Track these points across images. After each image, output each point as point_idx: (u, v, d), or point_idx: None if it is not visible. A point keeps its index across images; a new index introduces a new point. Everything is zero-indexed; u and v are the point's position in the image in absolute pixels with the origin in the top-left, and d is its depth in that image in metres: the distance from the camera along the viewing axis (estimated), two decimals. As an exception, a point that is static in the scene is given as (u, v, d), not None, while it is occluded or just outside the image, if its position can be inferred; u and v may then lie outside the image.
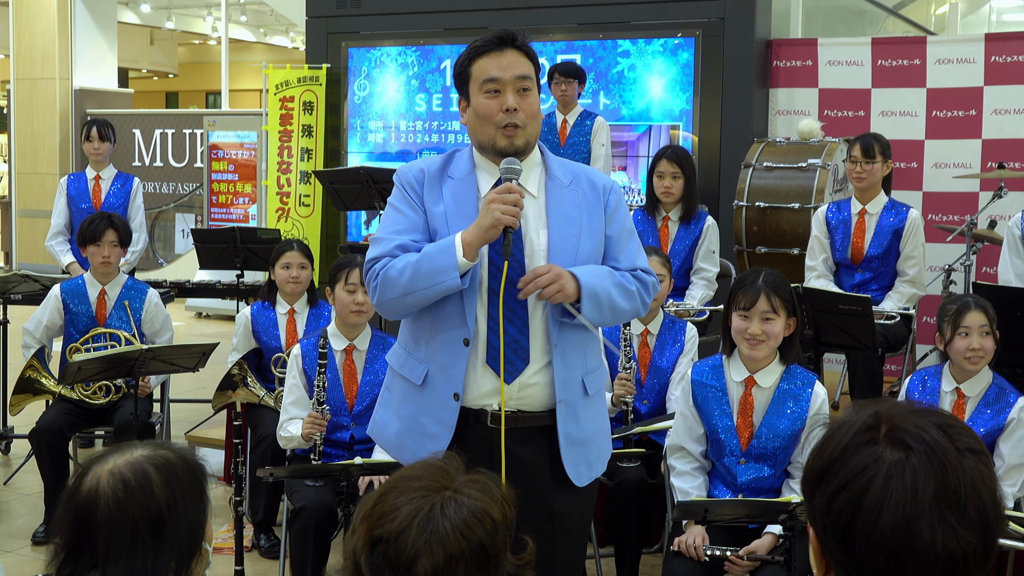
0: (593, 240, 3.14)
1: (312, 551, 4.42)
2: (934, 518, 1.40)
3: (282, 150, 9.67)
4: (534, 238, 3.11)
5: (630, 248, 3.22)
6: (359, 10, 9.34)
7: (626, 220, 3.25)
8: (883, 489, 1.43)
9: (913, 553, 1.41)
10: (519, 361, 3.09)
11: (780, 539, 3.77)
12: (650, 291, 3.22)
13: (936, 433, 1.45)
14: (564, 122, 7.33)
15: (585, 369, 3.18)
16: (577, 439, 3.15)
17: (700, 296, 6.11)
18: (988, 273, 7.08)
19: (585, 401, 3.18)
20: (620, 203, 3.24)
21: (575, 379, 3.15)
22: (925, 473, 1.42)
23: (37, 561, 5.31)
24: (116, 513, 1.98)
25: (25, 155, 14.20)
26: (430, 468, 1.74)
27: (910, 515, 1.41)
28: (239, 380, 5.46)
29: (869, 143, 5.88)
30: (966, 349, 4.26)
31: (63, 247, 7.30)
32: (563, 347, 3.12)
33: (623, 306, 3.13)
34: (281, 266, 5.59)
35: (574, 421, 3.15)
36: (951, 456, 1.43)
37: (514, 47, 3.12)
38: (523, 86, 3.10)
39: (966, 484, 1.42)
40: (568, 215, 3.13)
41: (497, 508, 1.69)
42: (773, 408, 3.97)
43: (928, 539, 1.40)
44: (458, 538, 1.63)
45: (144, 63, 23.34)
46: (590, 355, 3.22)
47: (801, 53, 7.99)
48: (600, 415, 3.28)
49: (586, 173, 3.24)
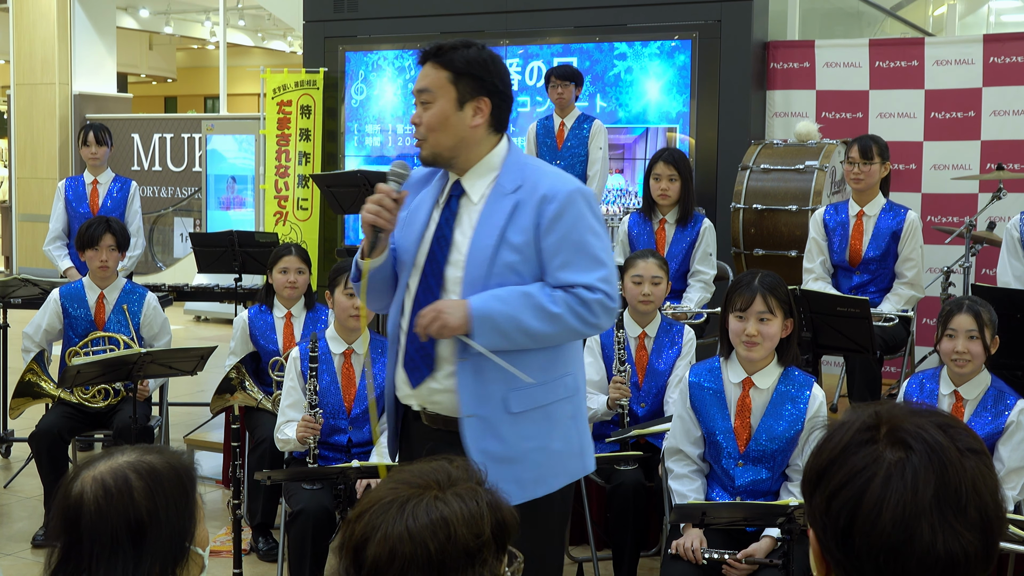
0: (515, 252, 3.05)
1: (310, 554, 4.42)
2: (935, 517, 1.39)
3: (280, 154, 9.67)
4: (460, 246, 3.12)
5: (572, 262, 3.05)
6: (356, 14, 9.35)
7: (572, 232, 3.05)
8: (883, 488, 1.42)
9: (913, 553, 1.40)
10: (424, 367, 3.14)
11: (778, 542, 3.75)
12: (593, 309, 3.04)
13: (937, 433, 1.44)
14: (562, 125, 7.33)
15: (509, 386, 3.08)
16: (498, 456, 3.04)
17: (697, 299, 6.10)
18: (987, 275, 7.07)
19: (511, 418, 3.09)
20: (564, 214, 3.04)
21: (492, 395, 3.08)
22: (926, 472, 1.41)
23: (37, 564, 5.31)
24: (97, 520, 1.97)
25: (25, 160, 14.22)
26: (437, 466, 1.72)
27: (910, 514, 1.40)
28: (237, 383, 5.46)
29: (867, 145, 5.87)
30: (951, 351, 4.27)
31: (61, 251, 7.30)
32: (477, 362, 3.06)
33: (540, 329, 3.01)
34: (279, 270, 5.59)
35: (493, 438, 3.08)
36: (952, 456, 1.42)
37: (431, 60, 3.13)
38: (422, 100, 3.12)
39: (967, 484, 1.41)
40: (494, 224, 3.07)
41: (466, 525, 1.64)
42: (771, 410, 3.97)
43: (928, 539, 1.39)
44: (405, 539, 1.62)
45: (143, 68, 23.36)
46: (523, 371, 3.09)
47: (798, 55, 7.99)
48: (539, 434, 3.12)
49: (538, 181, 3.10)
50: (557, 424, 3.17)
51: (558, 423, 3.17)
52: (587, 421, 3.33)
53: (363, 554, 1.64)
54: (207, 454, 6.55)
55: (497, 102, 3.15)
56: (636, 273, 5.00)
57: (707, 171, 7.97)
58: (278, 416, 4.79)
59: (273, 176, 9.72)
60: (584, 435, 3.28)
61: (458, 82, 3.09)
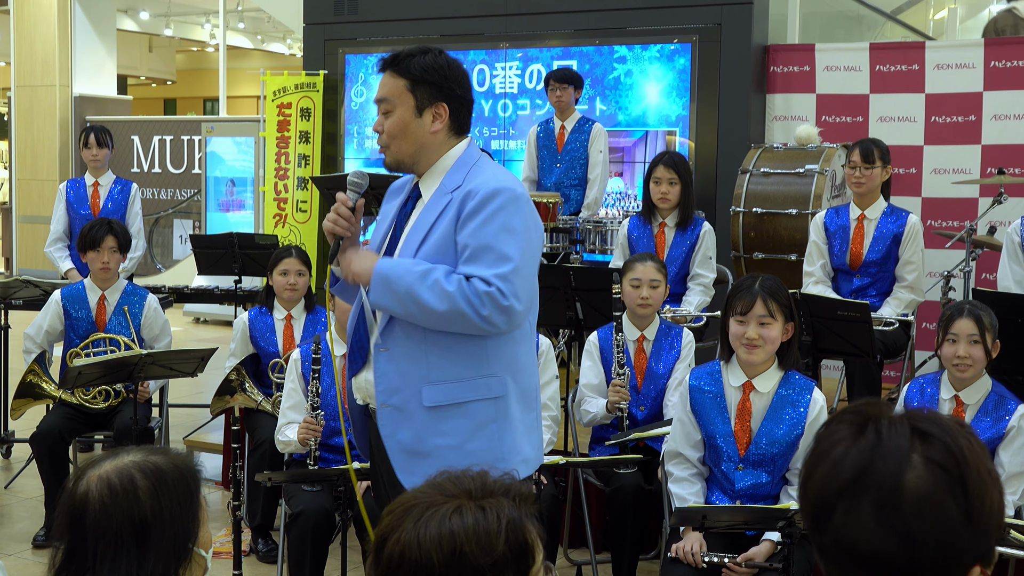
0: (436, 245, 3.11)
1: (310, 555, 4.43)
2: (850, 500, 1.43)
3: (279, 156, 9.68)
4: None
5: (475, 255, 3.04)
6: (356, 17, 9.35)
7: (484, 227, 3.05)
8: (844, 450, 1.46)
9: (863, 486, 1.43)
10: (359, 359, 3.27)
11: (778, 546, 3.76)
12: (484, 302, 2.99)
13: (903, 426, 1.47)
14: (562, 128, 7.34)
15: (426, 379, 3.10)
16: (410, 449, 3.12)
17: (697, 302, 6.10)
18: (987, 279, 7.07)
19: (425, 412, 3.10)
20: (481, 210, 3.05)
21: (408, 386, 3.11)
22: (859, 456, 1.45)
23: (37, 565, 5.32)
24: (102, 518, 1.98)
25: (25, 161, 14.23)
26: (477, 475, 1.72)
27: (835, 487, 1.44)
28: (237, 385, 5.46)
29: (868, 148, 5.87)
30: (952, 356, 4.27)
31: (62, 253, 7.30)
32: (394, 352, 3.13)
33: (432, 304, 2.99)
34: (279, 272, 5.60)
35: (408, 429, 3.12)
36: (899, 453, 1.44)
37: (388, 69, 3.20)
38: (382, 109, 3.21)
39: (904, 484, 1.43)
40: (425, 221, 3.16)
41: (475, 541, 1.63)
42: (771, 414, 3.97)
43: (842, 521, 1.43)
44: (414, 546, 1.63)
45: (143, 70, 23.38)
46: (437, 365, 3.10)
47: (799, 58, 7.99)
48: (454, 432, 3.12)
49: (472, 179, 3.13)
50: (476, 425, 3.14)
51: (477, 425, 3.14)
52: (522, 428, 3.21)
53: (382, 550, 1.66)
54: (207, 455, 6.55)
55: (456, 107, 3.20)
56: (634, 276, 5.01)
57: (707, 175, 7.97)
58: (279, 418, 4.80)
59: (273, 178, 9.72)
60: (510, 443, 3.17)
61: (416, 89, 3.16)
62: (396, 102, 3.16)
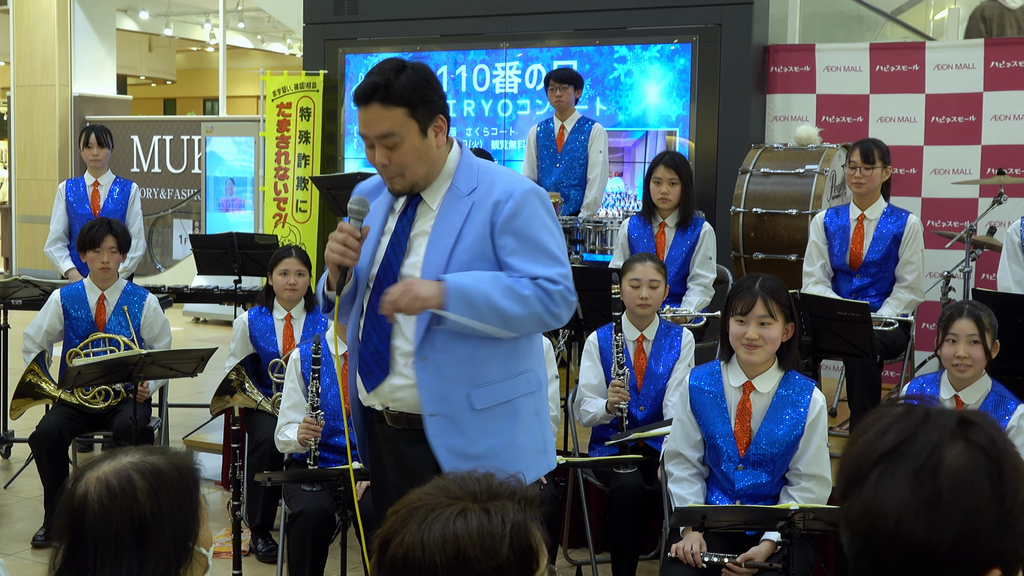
0: (471, 251, 3.09)
1: (310, 555, 4.43)
2: (883, 466, 1.44)
3: (279, 156, 9.68)
4: (418, 249, 3.15)
5: (530, 257, 3.09)
6: (356, 17, 9.35)
7: (527, 230, 3.10)
8: (888, 422, 1.48)
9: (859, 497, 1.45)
10: (379, 371, 3.18)
11: (778, 546, 3.76)
12: (555, 300, 3.08)
13: (949, 415, 1.48)
14: (562, 128, 7.34)
15: (473, 383, 3.12)
16: (466, 454, 3.10)
17: (697, 302, 6.10)
18: (987, 280, 7.07)
19: (475, 415, 3.13)
20: (518, 214, 3.09)
21: (453, 392, 3.11)
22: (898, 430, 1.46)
23: (37, 565, 5.32)
24: (102, 520, 1.98)
25: (25, 161, 14.23)
26: (482, 477, 1.71)
27: (866, 454, 1.45)
28: (237, 385, 5.46)
29: (869, 148, 5.86)
30: (952, 356, 4.27)
31: (62, 253, 7.30)
32: (436, 360, 3.10)
33: (510, 310, 3.02)
34: (279, 272, 5.59)
35: (459, 435, 3.12)
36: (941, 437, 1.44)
37: (379, 101, 3.07)
38: (388, 144, 3.07)
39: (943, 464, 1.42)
40: (450, 226, 3.11)
41: (479, 545, 1.62)
42: (771, 414, 3.97)
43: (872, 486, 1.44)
44: (418, 548, 1.62)
45: (142, 70, 23.37)
46: (482, 369, 3.14)
47: (799, 59, 7.99)
48: (504, 430, 3.17)
49: (492, 183, 3.15)
50: (522, 420, 3.21)
51: (523, 419, 3.21)
52: (549, 418, 3.37)
53: (386, 551, 1.65)
54: (207, 455, 6.55)
55: (448, 114, 3.20)
56: (634, 276, 5.00)
57: (707, 175, 7.97)
58: (278, 417, 4.80)
59: (272, 178, 9.72)
60: (547, 432, 3.32)
61: (415, 113, 3.09)
62: (402, 133, 3.07)
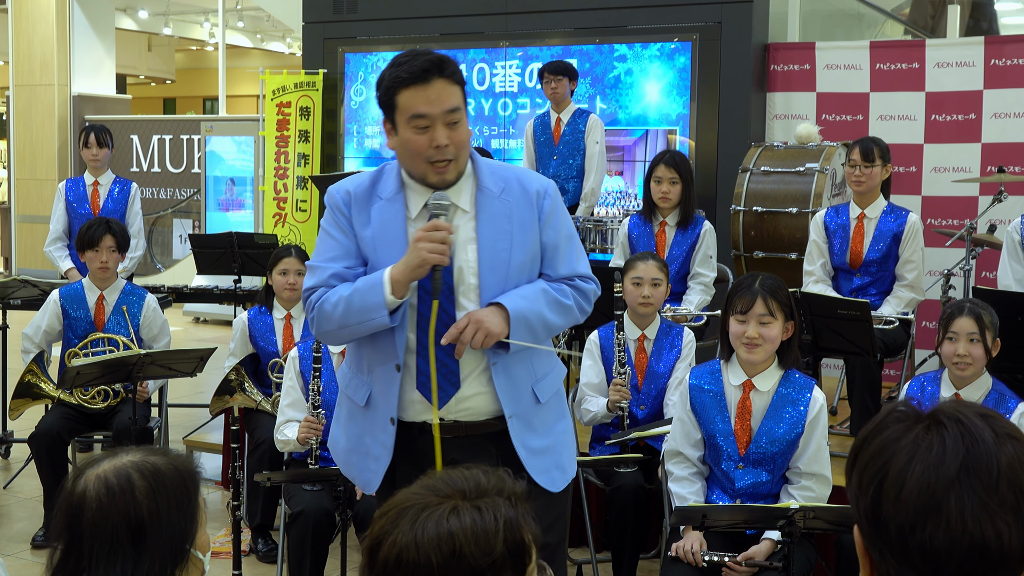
0: (525, 251, 3.09)
1: (310, 555, 4.42)
2: (962, 489, 1.37)
3: (279, 155, 9.67)
4: (462, 254, 3.06)
5: (569, 254, 3.18)
6: (355, 16, 9.34)
7: (563, 224, 3.17)
8: (908, 457, 1.41)
9: (940, 526, 1.37)
10: (449, 386, 3.08)
11: (778, 545, 3.75)
12: (589, 298, 3.22)
13: (974, 416, 1.44)
14: (558, 120, 7.33)
15: (534, 378, 3.18)
16: (538, 448, 3.15)
17: (697, 301, 6.10)
18: (988, 278, 7.06)
19: (539, 409, 3.18)
20: (556, 207, 3.15)
21: (523, 391, 3.14)
22: (955, 445, 1.40)
23: (36, 565, 5.32)
24: (99, 518, 1.97)
25: (24, 161, 14.22)
26: (470, 475, 1.70)
27: (936, 483, 1.38)
28: (236, 385, 5.45)
29: (869, 147, 5.86)
30: (953, 354, 4.28)
31: (61, 252, 7.29)
32: (505, 363, 3.09)
33: (557, 323, 3.16)
34: (279, 272, 5.59)
35: (530, 431, 3.14)
36: (986, 435, 1.41)
37: (442, 77, 2.97)
38: (452, 120, 2.98)
39: (1001, 462, 1.39)
40: (499, 228, 3.06)
41: (474, 541, 1.61)
42: (771, 413, 3.96)
43: (956, 511, 1.37)
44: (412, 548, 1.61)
45: (142, 69, 23.36)
46: (538, 363, 3.20)
47: (799, 57, 7.98)
48: (558, 416, 3.26)
49: (518, 178, 3.14)
50: (562, 401, 3.34)
51: (562, 400, 3.33)
52: None
53: (377, 553, 1.64)
54: (207, 455, 6.55)
55: None
56: (636, 275, 5.00)
57: (707, 173, 7.96)
58: (278, 416, 4.79)
59: (272, 178, 9.72)
60: None
61: (465, 96, 3.07)
62: (462, 110, 3.02)
